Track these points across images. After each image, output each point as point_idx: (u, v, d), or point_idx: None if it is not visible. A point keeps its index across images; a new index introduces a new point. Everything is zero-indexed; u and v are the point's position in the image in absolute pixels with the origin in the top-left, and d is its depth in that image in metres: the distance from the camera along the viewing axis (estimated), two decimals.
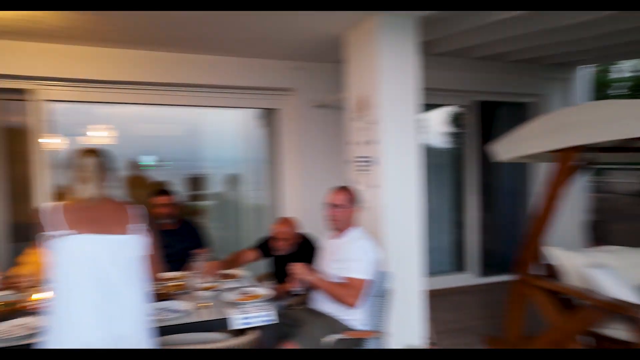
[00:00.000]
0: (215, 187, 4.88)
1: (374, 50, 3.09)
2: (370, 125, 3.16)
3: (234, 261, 3.17)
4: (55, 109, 3.90)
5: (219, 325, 2.22)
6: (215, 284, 2.74)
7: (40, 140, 3.79)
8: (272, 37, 3.56)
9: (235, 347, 2.00)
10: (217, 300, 2.47)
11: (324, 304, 2.59)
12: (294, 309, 2.76)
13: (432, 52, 3.93)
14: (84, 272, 1.69)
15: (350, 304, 2.45)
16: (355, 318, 2.52)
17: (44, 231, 1.69)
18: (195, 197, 4.82)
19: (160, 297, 2.41)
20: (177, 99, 4.18)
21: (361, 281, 2.47)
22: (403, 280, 2.99)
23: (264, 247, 3.23)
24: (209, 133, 4.87)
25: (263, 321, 2.20)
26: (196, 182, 4.78)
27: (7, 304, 2.28)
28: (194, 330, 2.14)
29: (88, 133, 4.43)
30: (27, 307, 2.32)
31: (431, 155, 4.51)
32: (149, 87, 4.02)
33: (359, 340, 2.52)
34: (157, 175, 4.55)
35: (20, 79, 3.66)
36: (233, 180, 4.83)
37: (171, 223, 3.42)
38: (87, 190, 1.78)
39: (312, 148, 4.45)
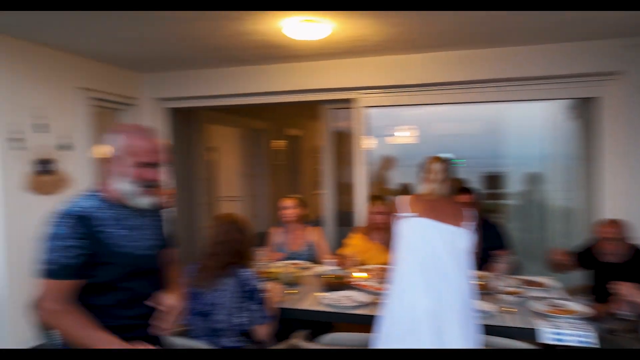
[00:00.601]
0: (515, 185, 4.61)
1: None
2: None
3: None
4: (370, 113, 4.49)
5: (523, 334, 2.09)
6: (519, 289, 2.59)
7: (358, 141, 4.42)
8: (593, 13, 3.06)
9: None
10: (521, 307, 2.33)
11: None
12: (619, 336, 2.32)
13: None
14: (419, 248, 1.98)
15: None
16: None
17: (397, 217, 2.08)
18: (493, 196, 4.68)
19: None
20: (480, 95, 4.13)
21: None
22: None
23: (584, 256, 2.84)
24: (509, 129, 4.64)
25: (580, 342, 1.94)
26: (494, 180, 4.63)
27: (337, 277, 2.77)
28: (495, 334, 2.08)
29: (395, 134, 4.93)
30: (350, 283, 2.76)
31: None
32: (453, 86, 4.12)
33: None
34: (456, 174, 4.64)
35: (347, 90, 4.36)
36: (535, 179, 4.44)
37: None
38: (431, 189, 2.09)
39: None
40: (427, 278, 1.93)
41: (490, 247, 3.23)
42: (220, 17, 3.05)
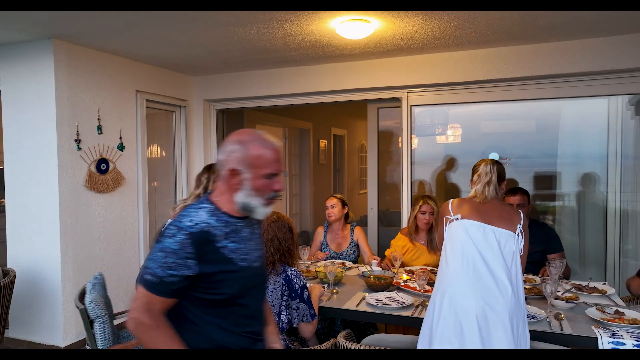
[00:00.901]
0: (569, 186, 4.38)
1: None
2: None
3: None
4: (415, 112, 4.41)
5: (579, 342, 1.99)
6: (573, 294, 2.47)
7: (405, 140, 4.36)
8: None
9: None
10: (575, 314, 2.23)
11: None
12: None
13: None
14: (466, 250, 1.95)
15: None
16: None
17: (444, 219, 2.09)
18: (546, 197, 4.48)
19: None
20: (535, 92, 3.97)
21: None
22: None
23: None
24: (563, 127, 4.41)
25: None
26: (547, 180, 4.42)
27: (380, 278, 2.75)
28: (548, 340, 1.99)
29: (440, 132, 4.81)
30: (394, 283, 2.74)
31: None
32: (505, 83, 3.99)
33: None
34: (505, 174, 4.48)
35: (395, 89, 4.32)
36: (592, 180, 4.21)
37: None
38: (479, 191, 2.07)
39: None
40: (474, 281, 1.88)
41: (541, 251, 3.11)
42: (270, 20, 3.10)
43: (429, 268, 3.04)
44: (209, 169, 2.78)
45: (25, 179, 3.63)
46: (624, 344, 1.87)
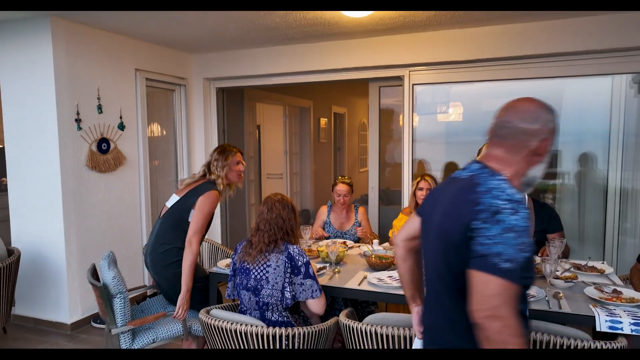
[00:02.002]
0: (570, 165, 4.39)
1: None
2: None
3: None
4: (417, 90, 4.38)
5: (577, 320, 2.03)
6: (572, 273, 2.51)
7: (407, 119, 4.34)
8: None
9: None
10: (574, 293, 2.26)
11: None
12: None
13: None
14: None
15: None
16: None
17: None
18: (545, 175, 4.50)
19: None
20: (537, 71, 3.93)
21: None
22: None
23: None
24: (565, 105, 4.39)
25: (634, 330, 1.86)
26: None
27: (381, 257, 2.78)
28: (546, 319, 2.03)
29: (441, 110, 4.79)
30: (395, 263, 2.77)
31: None
32: (508, 62, 3.95)
33: None
34: None
35: (397, 67, 4.27)
36: (588, 159, 4.21)
37: None
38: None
39: None
40: None
41: (542, 230, 3.13)
42: None
43: None
44: (223, 151, 2.79)
45: (27, 159, 3.63)
46: (621, 322, 1.91)
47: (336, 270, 2.66)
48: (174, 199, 2.75)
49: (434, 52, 4.05)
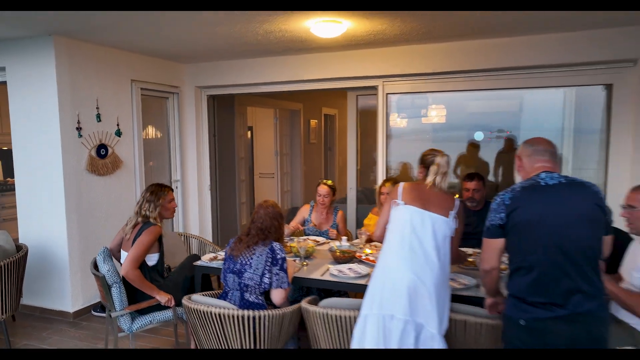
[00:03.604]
0: None
1: None
2: None
3: None
4: (396, 97, 4.75)
5: None
6: (506, 266, 2.88)
7: (381, 125, 4.71)
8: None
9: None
10: (504, 283, 2.64)
11: (622, 311, 2.34)
12: None
13: None
14: (405, 231, 2.29)
15: None
16: None
17: (393, 202, 2.41)
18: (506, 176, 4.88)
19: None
20: (499, 82, 4.31)
21: None
22: None
23: None
24: (524, 107, 4.83)
25: None
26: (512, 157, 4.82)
27: (344, 252, 3.16)
28: (474, 304, 2.41)
29: (423, 113, 5.17)
30: (359, 257, 3.15)
31: None
32: (473, 74, 4.32)
33: None
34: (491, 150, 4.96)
35: (371, 78, 4.64)
36: None
37: (475, 205, 3.68)
38: (439, 182, 2.41)
39: None
40: (409, 257, 2.23)
41: None
42: (250, 20, 3.42)
43: None
44: (153, 192, 3.19)
45: (33, 164, 4.01)
46: None
47: (304, 263, 3.05)
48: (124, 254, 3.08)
49: (404, 65, 4.42)
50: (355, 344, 2.23)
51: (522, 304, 1.88)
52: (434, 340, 2.14)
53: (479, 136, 5.11)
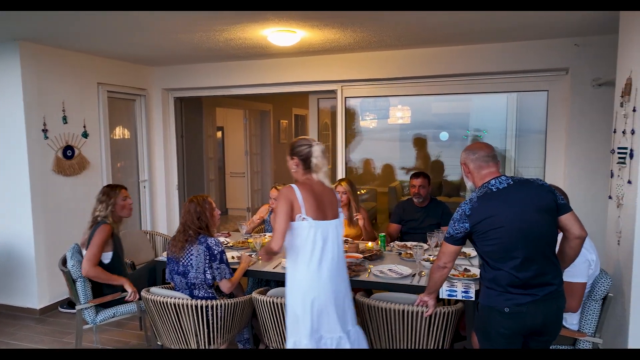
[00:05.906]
0: None
1: None
2: (630, 112, 2.78)
3: None
4: (358, 98, 5.03)
5: (423, 290, 2.66)
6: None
7: (340, 127, 4.96)
8: (548, 17, 3.38)
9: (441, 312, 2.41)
10: None
11: None
12: None
13: None
14: (321, 251, 2.26)
15: (572, 309, 2.43)
16: (574, 322, 2.49)
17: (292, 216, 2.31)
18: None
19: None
20: (448, 88, 4.63)
21: (581, 285, 2.40)
22: None
23: None
24: (472, 109, 5.20)
25: (463, 296, 2.52)
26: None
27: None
28: (408, 291, 2.67)
29: (390, 114, 5.48)
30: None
31: None
32: (423, 80, 4.62)
33: (574, 341, 2.48)
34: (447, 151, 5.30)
35: (331, 82, 4.90)
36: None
37: (422, 201, 3.94)
38: (324, 179, 2.38)
39: (581, 133, 4.07)
40: (330, 276, 2.28)
41: (436, 223, 3.80)
42: (209, 30, 3.62)
43: (344, 238, 3.69)
44: (105, 193, 3.28)
45: None
46: (456, 291, 2.56)
47: (259, 257, 3.27)
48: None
49: (360, 70, 4.68)
50: None
51: (504, 294, 2.03)
52: (358, 334, 2.42)
53: (444, 136, 5.44)
